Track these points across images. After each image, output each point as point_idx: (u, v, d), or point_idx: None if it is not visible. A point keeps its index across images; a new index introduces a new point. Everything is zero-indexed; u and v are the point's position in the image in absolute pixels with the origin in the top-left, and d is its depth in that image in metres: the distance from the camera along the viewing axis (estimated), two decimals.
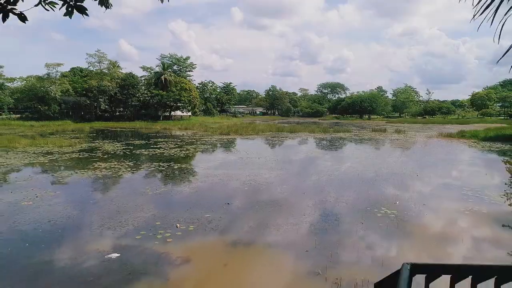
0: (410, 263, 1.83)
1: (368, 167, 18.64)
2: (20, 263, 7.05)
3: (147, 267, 6.99)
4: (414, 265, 1.83)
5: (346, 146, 31.54)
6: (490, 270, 1.91)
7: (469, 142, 34.33)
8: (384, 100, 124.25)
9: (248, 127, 50.50)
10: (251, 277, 6.81)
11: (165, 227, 9.14)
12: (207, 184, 14.31)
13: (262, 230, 9.08)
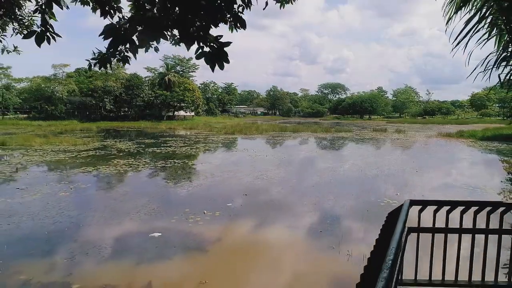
0: (410, 199, 3.10)
1: (370, 165, 19.89)
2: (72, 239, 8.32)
3: (187, 242, 8.26)
4: (412, 201, 3.09)
5: (348, 145, 32.78)
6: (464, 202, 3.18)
7: (467, 141, 35.58)
8: (384, 101, 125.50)
9: (252, 127, 51.77)
10: (274, 250, 8.06)
11: (194, 213, 10.38)
12: (223, 179, 15.57)
13: (279, 216, 10.35)
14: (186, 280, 6.64)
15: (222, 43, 2.14)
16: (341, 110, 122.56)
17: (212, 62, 2.14)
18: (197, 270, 7.02)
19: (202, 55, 2.16)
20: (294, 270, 7.11)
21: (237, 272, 7.09)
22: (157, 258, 7.45)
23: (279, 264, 7.37)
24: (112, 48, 2.03)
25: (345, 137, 40.08)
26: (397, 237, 2.34)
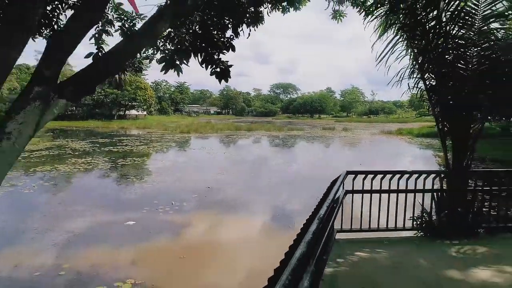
0: (346, 170, 4.45)
1: (321, 159, 21.79)
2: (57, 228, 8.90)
3: (161, 228, 9.17)
4: (348, 171, 4.44)
5: (301, 143, 34.83)
6: (383, 172, 4.59)
7: (405, 138, 39.31)
8: (333, 101, 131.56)
9: (207, 126, 52.38)
10: (241, 230, 9.25)
11: (163, 205, 11.23)
12: (186, 174, 16.44)
13: (241, 204, 11.56)
14: (165, 257, 7.60)
15: (228, 66, 3.25)
16: (293, 109, 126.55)
17: (220, 78, 3.23)
18: (174, 248, 8.01)
19: (214, 73, 3.25)
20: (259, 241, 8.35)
21: (212, 245, 8.18)
22: (135, 241, 8.30)
23: (246, 238, 8.58)
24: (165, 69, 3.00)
25: (297, 135, 42.24)
26: (333, 193, 3.62)
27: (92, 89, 1.90)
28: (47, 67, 1.69)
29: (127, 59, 2.00)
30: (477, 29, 5.20)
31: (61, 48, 1.77)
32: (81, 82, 1.79)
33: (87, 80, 1.83)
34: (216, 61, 3.20)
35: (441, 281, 3.71)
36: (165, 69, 2.99)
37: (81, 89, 1.80)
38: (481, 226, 5.30)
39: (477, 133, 5.37)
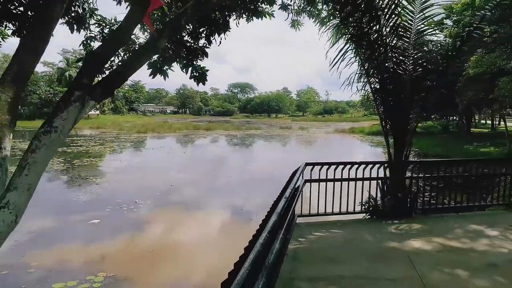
0: (306, 162, 5.11)
1: (278, 157, 22.69)
2: None
3: (127, 225, 9.37)
4: (307, 163, 5.11)
5: (259, 141, 35.66)
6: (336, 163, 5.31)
7: (357, 136, 41.59)
8: (289, 100, 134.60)
9: (164, 126, 51.64)
10: (206, 223, 9.70)
11: (127, 203, 11.35)
12: (147, 173, 16.49)
13: (204, 200, 12.00)
14: (134, 251, 7.88)
15: (205, 70, 3.74)
16: (250, 109, 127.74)
17: (198, 81, 3.73)
18: (142, 243, 8.29)
19: (193, 77, 3.73)
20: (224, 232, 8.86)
21: (179, 238, 8.56)
22: (103, 238, 8.46)
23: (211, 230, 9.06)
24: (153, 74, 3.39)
25: (256, 135, 43.08)
26: (293, 182, 4.24)
27: (112, 91, 2.32)
28: (85, 77, 2.10)
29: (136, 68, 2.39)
30: (412, 41, 6.12)
31: (95, 64, 2.19)
32: (105, 86, 2.21)
33: (109, 85, 2.25)
34: (196, 67, 3.70)
35: (383, 251, 4.48)
36: (153, 74, 3.41)
37: (105, 92, 2.23)
38: (417, 208, 6.24)
39: (413, 130, 6.30)
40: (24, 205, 2.03)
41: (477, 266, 4.05)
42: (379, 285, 3.58)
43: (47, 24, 2.30)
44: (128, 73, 2.30)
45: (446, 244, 4.77)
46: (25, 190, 1.99)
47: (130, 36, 2.46)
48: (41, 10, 2.27)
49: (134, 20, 2.33)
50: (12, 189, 1.97)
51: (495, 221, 5.77)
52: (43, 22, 2.28)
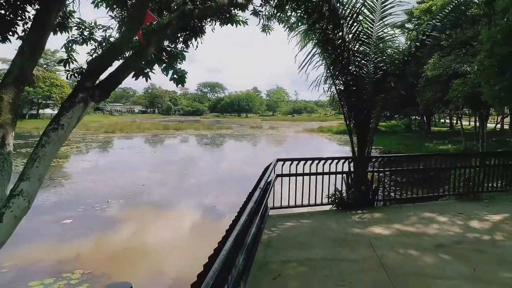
0: (277, 158, 5.51)
1: (250, 156, 23.10)
2: None
3: (101, 224, 9.42)
4: (278, 159, 5.51)
5: (230, 141, 35.94)
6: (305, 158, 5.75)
7: (325, 135, 42.83)
8: (259, 100, 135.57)
9: (132, 125, 50.73)
10: (179, 220, 9.92)
11: (99, 203, 11.34)
12: (118, 173, 16.37)
13: (177, 199, 12.18)
14: (109, 249, 7.99)
15: (184, 73, 4.03)
16: (220, 108, 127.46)
17: (178, 83, 4.01)
18: (117, 240, 8.41)
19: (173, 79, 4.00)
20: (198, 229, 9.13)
21: (154, 235, 8.74)
22: (77, 236, 8.50)
23: (184, 226, 9.30)
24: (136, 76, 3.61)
25: (226, 134, 43.29)
26: (266, 176, 4.63)
27: (109, 93, 2.57)
28: (88, 81, 2.35)
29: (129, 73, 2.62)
30: (373, 47, 6.68)
31: (96, 70, 2.44)
32: (102, 88, 2.46)
33: (106, 87, 2.51)
34: (176, 70, 3.98)
35: (347, 237, 4.96)
36: (136, 76, 3.65)
37: (103, 94, 2.48)
38: (378, 200, 6.82)
39: (374, 128, 6.87)
40: (35, 193, 2.27)
41: (427, 247, 4.61)
42: (342, 265, 4.04)
43: (43, 32, 2.53)
44: (122, 77, 2.57)
45: (402, 230, 5.33)
46: (36, 180, 2.22)
47: (128, 47, 2.70)
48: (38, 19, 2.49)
49: (130, 34, 2.60)
50: (25, 179, 2.20)
51: (445, 209, 6.44)
52: (40, 30, 2.50)
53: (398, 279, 3.70)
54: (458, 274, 3.84)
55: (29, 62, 2.45)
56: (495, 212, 6.28)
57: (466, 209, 6.45)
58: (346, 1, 5.96)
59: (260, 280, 3.63)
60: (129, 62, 2.63)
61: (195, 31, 4.45)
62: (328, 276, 3.76)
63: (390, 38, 7.10)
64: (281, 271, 3.85)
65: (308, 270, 3.91)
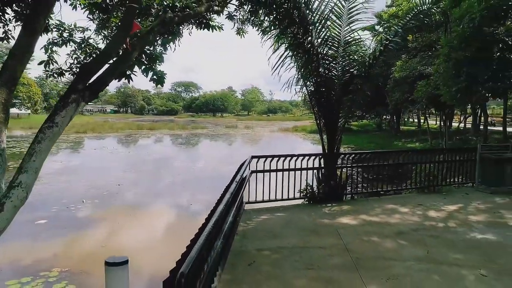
0: (252, 155, 5.83)
1: (226, 155, 23.33)
2: None
3: (76, 223, 9.43)
4: (253, 156, 5.84)
5: (205, 141, 35.99)
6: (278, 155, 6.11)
7: (300, 134, 43.67)
8: (234, 100, 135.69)
9: (105, 125, 49.72)
10: (157, 219, 10.06)
11: (74, 203, 11.28)
12: (92, 173, 16.21)
13: (153, 198, 12.30)
14: (86, 247, 8.05)
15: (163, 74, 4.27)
16: (195, 108, 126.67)
17: (157, 83, 4.26)
18: (94, 239, 8.47)
19: (153, 79, 4.24)
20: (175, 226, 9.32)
21: (132, 234, 8.86)
22: (53, 236, 8.49)
23: (161, 223, 9.47)
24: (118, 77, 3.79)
25: (202, 134, 43.27)
26: (241, 172, 4.94)
27: (97, 94, 2.78)
28: (79, 84, 2.56)
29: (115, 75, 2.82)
30: (341, 51, 7.14)
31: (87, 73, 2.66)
32: (91, 90, 2.67)
33: (95, 89, 2.71)
34: (156, 71, 4.21)
35: (317, 227, 5.36)
36: (119, 77, 3.86)
37: (92, 94, 2.69)
38: (346, 194, 7.29)
39: (342, 126, 7.34)
40: (32, 185, 2.47)
41: (388, 234, 5.08)
42: (311, 251, 4.41)
43: (33, 37, 2.72)
44: (109, 79, 2.79)
45: (367, 220, 5.80)
46: (33, 173, 2.43)
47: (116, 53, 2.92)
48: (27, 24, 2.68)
49: (119, 41, 2.83)
50: (23, 171, 2.40)
51: (407, 201, 6.99)
52: (29, 35, 2.69)
53: (360, 261, 4.11)
54: (414, 257, 4.30)
55: (19, 65, 2.65)
56: (451, 203, 6.89)
57: (426, 201, 7.02)
58: (315, 8, 6.37)
59: (236, 266, 3.94)
60: (115, 65, 2.85)
61: (174, 34, 4.70)
62: (298, 261, 4.12)
63: (357, 42, 7.59)
64: (255, 258, 4.18)
65: (280, 257, 4.26)
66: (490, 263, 4.15)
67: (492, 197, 7.44)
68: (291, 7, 5.91)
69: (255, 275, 3.75)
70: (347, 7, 7.01)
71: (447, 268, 4.01)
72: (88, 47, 5.05)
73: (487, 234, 5.15)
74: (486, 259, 4.28)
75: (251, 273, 3.79)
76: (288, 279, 3.69)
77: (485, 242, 4.85)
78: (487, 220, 5.85)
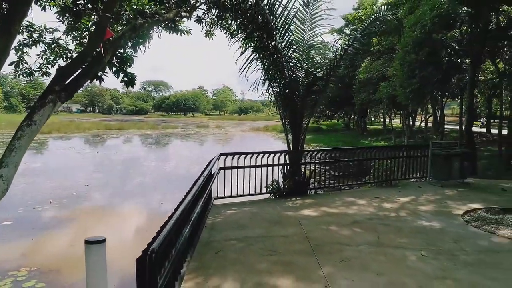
0: (220, 152, 6.15)
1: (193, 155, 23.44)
2: None
3: (43, 224, 9.36)
4: (221, 153, 6.15)
5: (175, 141, 35.80)
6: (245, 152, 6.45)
7: (271, 133, 44.31)
8: (205, 99, 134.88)
9: (71, 125, 48.15)
10: (127, 218, 10.15)
11: (40, 204, 11.13)
12: (59, 174, 15.91)
13: (123, 197, 12.32)
14: (55, 247, 8.06)
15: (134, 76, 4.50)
16: (166, 107, 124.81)
17: (128, 85, 4.48)
18: (63, 239, 8.48)
19: (124, 81, 4.45)
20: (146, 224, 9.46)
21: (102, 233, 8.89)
22: (19, 237, 8.41)
23: (131, 222, 9.58)
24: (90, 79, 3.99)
25: (172, 133, 42.93)
26: (209, 168, 5.25)
27: (72, 95, 2.97)
28: (56, 85, 2.76)
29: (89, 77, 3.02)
30: (304, 54, 7.59)
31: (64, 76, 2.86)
32: (67, 91, 2.88)
33: (70, 90, 2.92)
34: (127, 73, 4.43)
35: (280, 219, 5.76)
36: (91, 79, 4.04)
37: (68, 95, 2.90)
38: (310, 188, 7.77)
39: (306, 125, 7.80)
40: (12, 178, 2.67)
41: (345, 223, 5.56)
42: (274, 239, 4.80)
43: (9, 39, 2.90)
44: (83, 81, 3.01)
45: (328, 211, 6.27)
46: (13, 167, 2.62)
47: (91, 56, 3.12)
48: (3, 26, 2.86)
49: (94, 45, 3.04)
50: (4, 166, 2.59)
51: (365, 195, 7.55)
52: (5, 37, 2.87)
53: (317, 247, 4.54)
54: (365, 242, 4.79)
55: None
56: (404, 196, 7.52)
57: (382, 194, 7.62)
58: (279, 14, 6.77)
59: (204, 255, 4.25)
60: (89, 68, 3.08)
61: (144, 37, 4.93)
62: (262, 248, 4.49)
63: (320, 46, 8.09)
64: (222, 247, 4.51)
65: (245, 245, 4.61)
66: (431, 246, 4.69)
67: (441, 189, 8.16)
68: (255, 13, 6.28)
69: (222, 262, 4.07)
70: (310, 13, 7.48)
71: (393, 250, 4.52)
72: (58, 48, 5.18)
73: (432, 222, 5.74)
74: (428, 242, 4.83)
75: (218, 260, 4.12)
76: (252, 263, 4.04)
77: (429, 228, 5.42)
78: (434, 209, 6.48)
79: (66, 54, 5.35)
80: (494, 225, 5.65)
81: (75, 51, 5.45)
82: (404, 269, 3.99)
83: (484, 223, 5.71)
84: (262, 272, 3.84)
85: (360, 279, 3.72)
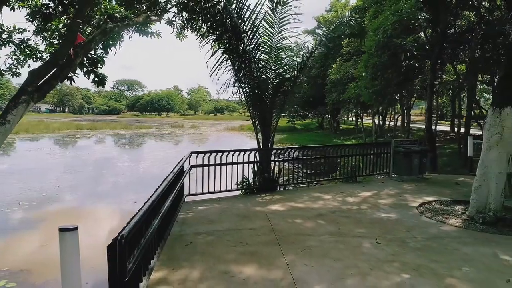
0: (191, 151, 6.36)
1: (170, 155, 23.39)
2: None
3: (11, 225, 9.25)
4: (192, 152, 6.37)
5: (150, 141, 35.44)
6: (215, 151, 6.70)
7: (246, 133, 44.61)
8: (180, 99, 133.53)
9: (40, 125, 46.60)
10: (100, 217, 10.15)
11: (8, 205, 10.92)
12: (28, 175, 15.53)
13: (95, 198, 12.27)
14: (26, 247, 8.01)
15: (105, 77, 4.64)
16: (140, 107, 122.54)
17: (99, 85, 4.62)
18: (34, 239, 8.42)
19: (94, 81, 4.59)
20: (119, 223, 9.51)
21: None
22: None
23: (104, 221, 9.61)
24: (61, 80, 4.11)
25: (146, 133, 42.41)
26: (179, 165, 5.46)
27: (44, 95, 3.11)
28: (30, 86, 2.90)
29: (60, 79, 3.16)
30: (273, 56, 7.92)
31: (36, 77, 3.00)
32: (39, 92, 3.02)
33: (43, 91, 3.06)
34: (97, 74, 4.58)
35: (249, 213, 6.05)
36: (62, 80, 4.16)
37: (40, 96, 3.03)
38: (279, 184, 8.11)
39: (276, 124, 8.14)
40: None
41: (310, 216, 5.92)
42: (242, 232, 5.09)
43: None
44: (55, 83, 3.16)
45: (294, 206, 6.62)
46: None
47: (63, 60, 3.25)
48: None
49: (65, 50, 3.20)
50: None
51: (331, 190, 7.97)
52: None
53: (283, 238, 4.86)
54: (327, 232, 5.16)
55: None
56: (367, 191, 7.99)
57: (347, 189, 8.06)
58: (247, 17, 7.06)
59: (175, 247, 4.48)
60: (60, 71, 3.23)
61: (114, 39, 5.08)
62: (230, 240, 4.76)
63: (288, 48, 8.44)
64: (192, 240, 4.75)
65: (214, 238, 4.87)
66: (386, 234, 5.12)
67: (402, 184, 8.71)
68: (224, 17, 6.54)
69: (191, 253, 4.32)
70: (278, 17, 7.81)
71: (351, 239, 4.91)
72: (28, 48, 5.25)
73: (390, 214, 6.21)
74: (383, 231, 5.26)
75: (188, 251, 4.35)
76: (220, 254, 4.31)
77: (386, 219, 5.87)
78: (392, 202, 6.97)
79: (36, 54, 5.42)
80: (445, 215, 6.17)
81: (45, 51, 5.52)
82: (359, 255, 4.38)
83: (436, 214, 6.23)
84: (229, 261, 4.11)
85: (319, 265, 4.06)
